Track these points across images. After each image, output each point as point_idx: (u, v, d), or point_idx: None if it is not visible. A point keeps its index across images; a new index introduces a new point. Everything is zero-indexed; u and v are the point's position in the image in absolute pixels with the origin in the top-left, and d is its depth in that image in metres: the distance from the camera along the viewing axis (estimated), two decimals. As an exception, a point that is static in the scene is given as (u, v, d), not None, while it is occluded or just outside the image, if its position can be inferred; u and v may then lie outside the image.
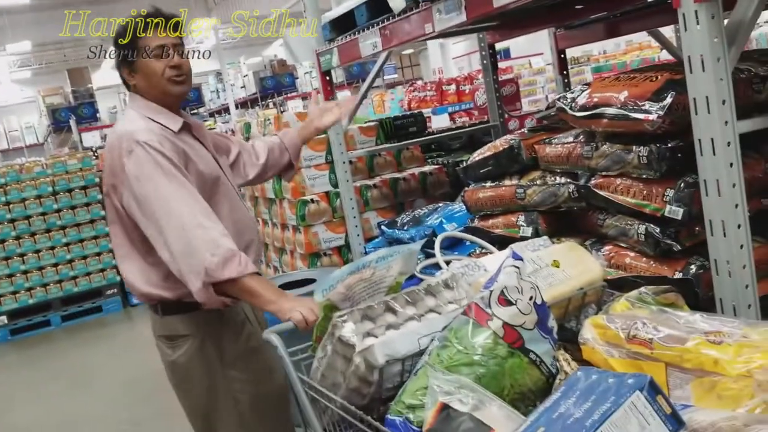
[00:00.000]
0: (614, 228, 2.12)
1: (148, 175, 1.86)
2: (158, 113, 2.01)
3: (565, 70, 4.29)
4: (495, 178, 2.55)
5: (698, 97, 1.69)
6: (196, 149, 2.03)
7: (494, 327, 1.28)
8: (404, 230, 3.30)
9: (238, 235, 1.99)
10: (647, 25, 4.05)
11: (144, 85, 2.01)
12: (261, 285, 1.85)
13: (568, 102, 2.12)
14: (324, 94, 3.64)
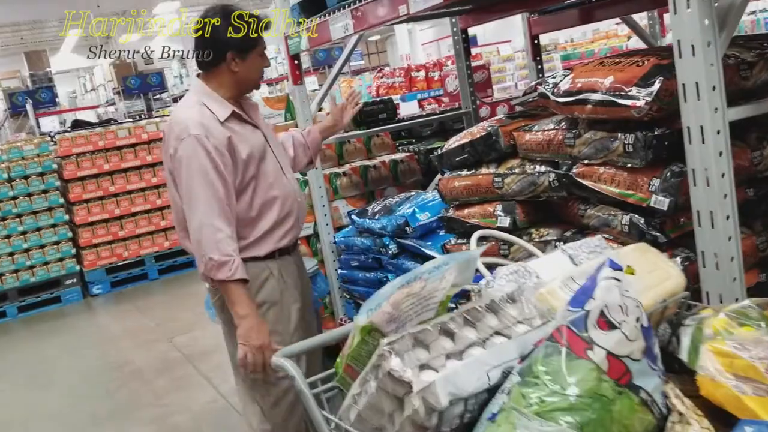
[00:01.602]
0: (596, 218, 2.05)
1: (188, 167, 2.17)
2: (214, 101, 2.28)
3: (538, 56, 4.22)
4: (471, 166, 2.46)
5: (687, 83, 1.62)
6: (241, 133, 2.28)
7: (597, 359, 0.99)
8: (375, 219, 3.20)
9: (282, 206, 2.33)
10: (621, 12, 4.00)
11: (245, 76, 2.32)
12: (239, 296, 2.18)
13: (549, 87, 2.04)
14: (293, 78, 3.50)
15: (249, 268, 2.26)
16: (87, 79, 18.82)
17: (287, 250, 2.44)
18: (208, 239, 2.15)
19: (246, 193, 2.29)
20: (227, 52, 2.27)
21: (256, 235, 2.32)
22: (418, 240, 2.98)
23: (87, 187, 6.64)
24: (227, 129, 2.25)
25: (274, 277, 2.36)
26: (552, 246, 2.20)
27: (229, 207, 2.21)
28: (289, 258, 2.45)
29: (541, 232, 2.28)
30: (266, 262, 2.33)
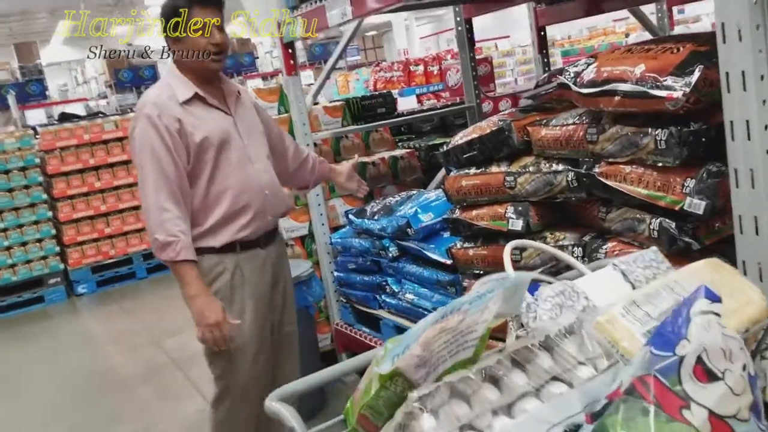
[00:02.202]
0: (620, 222, 1.87)
1: (140, 147, 2.16)
2: (179, 82, 2.23)
3: (544, 49, 4.04)
4: (480, 164, 2.28)
5: (732, 72, 1.44)
6: (200, 116, 2.21)
7: (696, 421, 0.76)
8: (375, 220, 3.02)
9: (236, 196, 2.24)
10: (629, 2, 3.84)
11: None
12: (187, 276, 2.15)
13: (571, 77, 1.85)
14: (286, 69, 3.31)
15: (203, 261, 2.22)
16: (78, 71, 18.52)
17: (253, 243, 2.32)
18: (154, 219, 2.13)
19: (201, 179, 2.22)
20: (167, 39, 2.23)
21: (210, 222, 2.24)
22: (421, 242, 2.79)
23: (71, 182, 6.41)
24: (185, 111, 2.20)
25: (228, 272, 2.26)
26: (569, 251, 2.02)
27: (179, 188, 2.17)
28: (256, 252, 2.33)
29: (557, 236, 2.10)
30: (222, 255, 2.26)
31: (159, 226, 2.12)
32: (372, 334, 3.20)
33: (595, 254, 1.92)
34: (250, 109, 2.42)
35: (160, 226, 2.12)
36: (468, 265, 2.38)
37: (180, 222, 2.15)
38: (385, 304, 3.05)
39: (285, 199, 2.48)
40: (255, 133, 2.38)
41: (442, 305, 2.45)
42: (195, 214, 2.23)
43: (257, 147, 2.36)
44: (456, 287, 2.60)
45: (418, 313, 2.78)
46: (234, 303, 2.28)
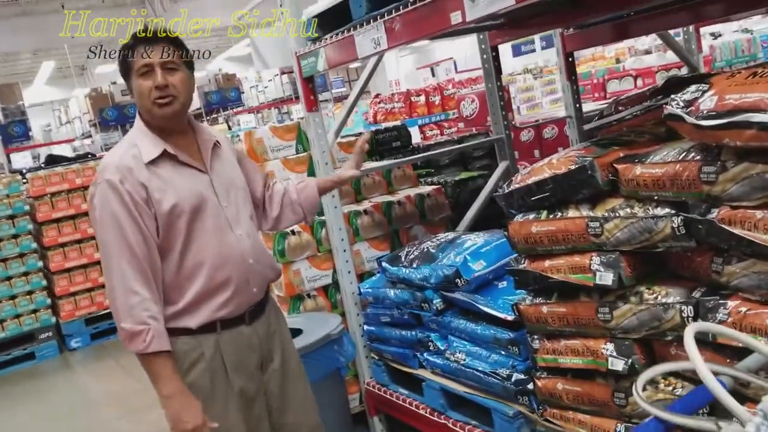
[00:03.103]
0: (745, 277, 1.56)
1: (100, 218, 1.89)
2: (146, 139, 1.95)
3: (573, 75, 3.79)
4: (553, 207, 1.97)
5: None
6: (168, 180, 1.93)
7: None
8: (414, 268, 2.69)
9: (214, 270, 1.96)
10: (658, 27, 3.62)
11: (138, 107, 1.97)
12: (160, 371, 1.87)
13: (681, 106, 1.56)
14: (307, 104, 3.01)
15: (176, 345, 1.93)
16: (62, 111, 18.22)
17: (236, 320, 2.02)
18: (120, 304, 1.86)
19: (173, 252, 1.94)
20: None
21: (186, 301, 1.95)
22: (472, 294, 2.47)
23: (63, 229, 6.04)
24: (151, 174, 1.91)
25: (205, 359, 1.97)
26: (676, 310, 1.71)
27: (149, 265, 1.89)
28: (239, 331, 2.03)
29: (656, 290, 1.79)
30: (200, 337, 1.97)
31: (126, 313, 1.85)
32: (412, 396, 2.86)
33: (713, 314, 1.61)
34: (229, 162, 2.11)
35: (128, 312, 1.85)
36: (540, 324, 2.06)
37: (150, 305, 1.87)
38: (427, 363, 2.71)
39: (273, 265, 2.16)
40: (236, 192, 2.07)
41: (501, 366, 2.10)
42: (167, 291, 1.94)
43: (238, 208, 2.05)
44: (518, 347, 2.28)
45: (471, 375, 2.45)
46: (215, 399, 1.98)
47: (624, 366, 1.82)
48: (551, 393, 2.06)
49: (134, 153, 1.91)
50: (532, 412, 2.20)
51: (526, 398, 2.22)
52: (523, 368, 2.24)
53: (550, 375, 2.07)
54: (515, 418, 2.25)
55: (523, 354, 2.26)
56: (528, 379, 2.20)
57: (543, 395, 2.10)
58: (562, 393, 2.03)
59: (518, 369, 2.26)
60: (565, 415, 2.05)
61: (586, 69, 12.35)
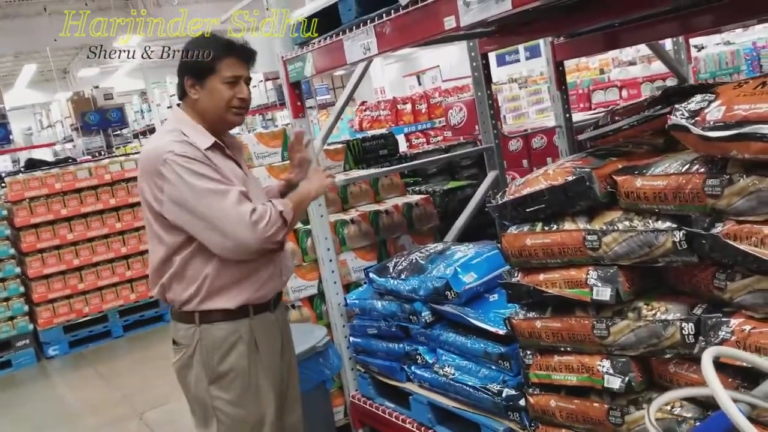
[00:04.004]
0: (749, 294, 1.51)
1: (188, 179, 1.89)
2: (194, 130, 2.00)
3: (563, 85, 3.74)
4: (549, 219, 1.92)
5: None
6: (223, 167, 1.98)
7: None
8: (402, 279, 2.63)
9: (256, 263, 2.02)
10: (648, 37, 3.59)
11: (206, 105, 2.01)
12: (298, 197, 2.09)
13: (686, 116, 1.51)
14: (293, 110, 2.94)
15: (213, 331, 1.99)
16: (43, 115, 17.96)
17: (265, 306, 2.08)
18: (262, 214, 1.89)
19: None
20: (184, 76, 2.03)
21: (226, 280, 1.99)
22: (462, 307, 2.40)
23: (41, 235, 5.89)
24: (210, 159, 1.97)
25: (244, 342, 2.02)
26: (676, 327, 1.65)
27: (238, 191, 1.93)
28: (267, 317, 2.10)
29: (655, 307, 1.73)
30: (236, 322, 2.01)
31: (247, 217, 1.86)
32: (399, 410, 2.78)
33: (715, 333, 1.56)
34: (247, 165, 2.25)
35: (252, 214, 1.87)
36: (534, 339, 2.00)
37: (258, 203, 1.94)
38: (415, 377, 2.64)
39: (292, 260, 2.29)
40: (258, 190, 2.19)
41: (492, 381, 2.05)
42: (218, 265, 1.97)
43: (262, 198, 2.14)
44: (510, 362, 2.21)
45: (460, 389, 2.38)
46: (251, 379, 2.03)
47: (621, 384, 1.76)
48: (544, 410, 2.00)
49: (185, 140, 1.95)
50: (523, 429, 2.13)
51: (517, 414, 2.16)
52: (514, 384, 2.18)
53: (543, 391, 2.01)
54: (506, 436, 2.18)
55: (514, 369, 2.19)
56: (519, 394, 2.13)
57: (535, 412, 2.04)
58: (555, 410, 1.96)
59: (509, 384, 2.19)
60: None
61: (571, 79, 12.39)
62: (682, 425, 1.61)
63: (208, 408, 2.04)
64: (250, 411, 2.03)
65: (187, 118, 2.02)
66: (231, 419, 2.02)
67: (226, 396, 2.02)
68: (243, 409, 2.03)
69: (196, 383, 2.03)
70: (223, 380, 2.01)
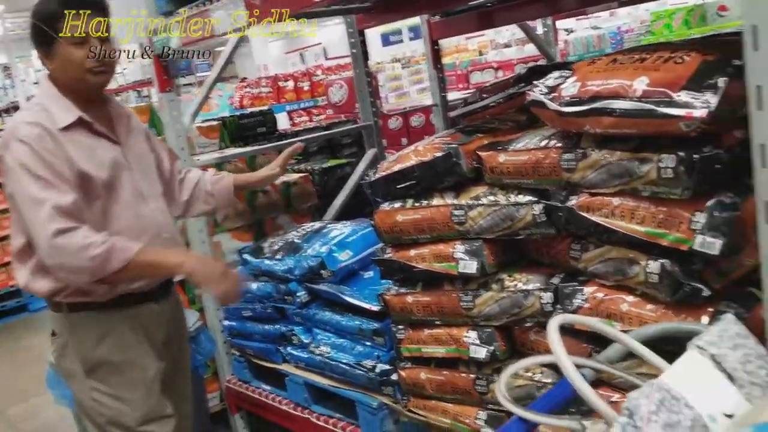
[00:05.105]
0: (601, 263, 1.58)
1: (19, 173, 1.75)
2: (57, 104, 1.85)
3: (439, 64, 3.79)
4: (418, 195, 1.92)
5: (767, 86, 1.18)
6: (85, 147, 1.84)
7: None
8: (278, 260, 2.57)
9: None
10: (521, 17, 3.72)
11: (62, 74, 1.87)
12: (155, 257, 1.83)
13: (544, 92, 1.55)
14: (160, 84, 2.79)
15: (84, 321, 1.89)
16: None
17: (147, 296, 1.99)
18: (69, 240, 1.70)
19: (88, 222, 1.83)
20: (38, 49, 1.88)
21: None
22: (337, 285, 2.38)
23: None
24: (66, 140, 1.82)
25: (118, 334, 1.93)
26: (536, 297, 1.71)
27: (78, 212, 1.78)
28: (150, 308, 2.00)
29: (517, 278, 1.79)
30: (108, 314, 1.91)
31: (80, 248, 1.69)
32: (275, 392, 2.73)
33: (571, 300, 1.63)
34: (140, 137, 2.06)
35: (83, 242, 1.70)
36: (405, 314, 2.01)
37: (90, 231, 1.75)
38: (291, 358, 2.60)
39: (182, 243, 2.14)
40: (147, 166, 2.05)
41: (366, 358, 2.07)
42: None
43: (151, 182, 2.03)
44: (384, 338, 2.22)
45: (336, 368, 2.36)
46: (124, 371, 1.93)
47: (486, 354, 1.81)
48: (415, 383, 2.03)
49: (45, 118, 1.81)
50: (395, 402, 2.15)
51: (390, 389, 2.17)
52: (387, 359, 2.19)
53: (414, 365, 2.03)
54: (379, 410, 2.19)
55: (388, 344, 2.21)
56: (392, 369, 2.15)
57: (407, 385, 2.06)
58: (426, 382, 1.99)
59: (383, 360, 2.21)
60: (428, 405, 2.01)
61: (450, 60, 12.66)
62: (542, 390, 1.68)
63: (85, 399, 1.97)
64: (130, 404, 1.95)
65: (53, 90, 1.88)
66: (110, 411, 1.95)
67: (103, 388, 1.95)
68: (122, 402, 1.95)
69: (73, 374, 1.96)
70: (97, 372, 1.93)
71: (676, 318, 1.45)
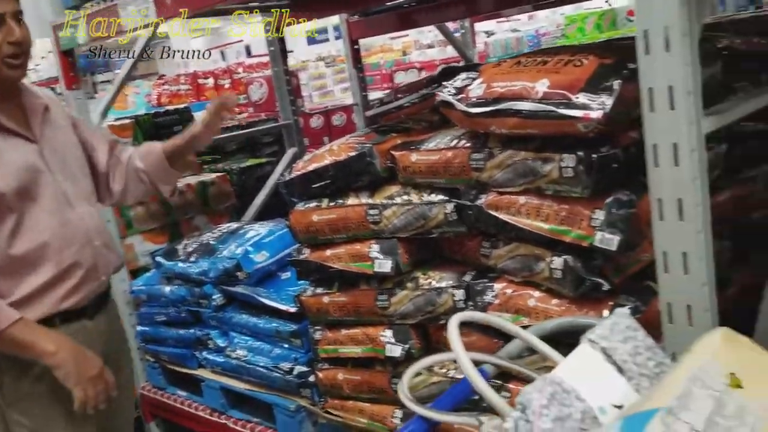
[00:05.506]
0: (510, 260, 1.62)
1: None
2: None
3: (359, 63, 3.80)
4: (333, 194, 1.92)
5: (657, 88, 1.24)
6: None
7: None
8: (192, 262, 2.51)
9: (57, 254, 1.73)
10: (440, 18, 3.80)
11: None
12: (29, 335, 1.64)
13: (452, 93, 1.57)
14: (66, 81, 2.68)
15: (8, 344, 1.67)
16: None
17: (79, 314, 1.81)
18: None
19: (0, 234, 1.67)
20: None
21: (24, 292, 1.69)
22: (254, 287, 2.35)
23: None
24: None
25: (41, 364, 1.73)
26: (449, 294, 1.74)
27: None
28: (82, 325, 1.82)
29: (431, 276, 1.81)
30: None
31: None
32: (191, 398, 2.67)
33: (482, 297, 1.66)
34: (63, 129, 1.86)
35: None
36: (321, 315, 2.00)
37: None
38: (207, 363, 2.54)
39: (117, 249, 1.97)
40: (72, 163, 1.84)
41: (284, 360, 2.04)
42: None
43: (77, 182, 1.83)
44: (301, 339, 2.20)
45: (253, 371, 2.33)
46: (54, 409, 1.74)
47: (401, 352, 1.82)
48: (332, 384, 2.02)
49: None
50: (313, 405, 2.14)
51: (308, 391, 2.16)
52: (305, 361, 2.17)
53: (332, 366, 2.03)
54: (297, 412, 2.18)
55: (305, 346, 2.19)
56: (310, 371, 2.13)
57: (324, 386, 2.05)
58: (343, 383, 1.99)
59: (300, 362, 2.18)
60: (345, 405, 2.01)
61: (375, 60, 12.73)
62: (455, 387, 1.70)
63: None
64: None
65: None
66: None
67: (26, 422, 1.76)
68: None
69: None
70: (20, 404, 1.75)
71: (579, 312, 1.51)
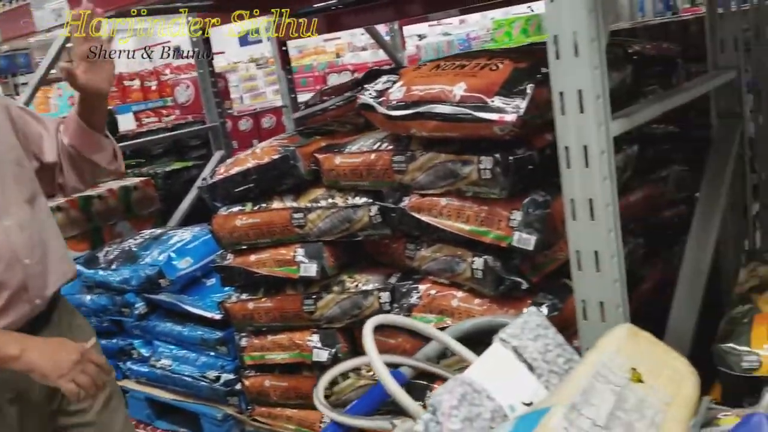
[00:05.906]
0: (433, 261, 1.64)
1: None
2: None
3: (287, 64, 3.77)
4: (258, 198, 1.89)
5: (567, 92, 1.27)
6: None
7: None
8: (113, 270, 2.43)
9: None
10: (368, 20, 3.81)
11: None
12: None
13: (373, 96, 1.57)
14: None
15: None
16: None
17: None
18: None
19: None
20: None
21: None
22: (178, 294, 2.30)
23: None
24: None
25: None
26: (375, 297, 1.74)
27: None
28: None
29: (357, 279, 1.81)
30: None
31: None
32: (117, 409, 2.58)
33: (407, 299, 1.67)
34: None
35: None
36: (247, 321, 1.97)
37: None
38: (131, 373, 2.47)
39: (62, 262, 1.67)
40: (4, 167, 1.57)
41: (210, 369, 1.97)
42: None
43: (6, 191, 1.56)
44: (227, 347, 2.16)
45: (179, 381, 2.28)
46: None
47: (328, 356, 1.82)
48: (259, 391, 1.99)
49: None
50: (240, 413, 2.10)
51: (236, 399, 2.13)
52: (232, 368, 2.14)
53: (258, 373, 2.00)
54: (224, 421, 2.14)
55: (231, 354, 2.15)
56: (237, 379, 2.10)
57: (251, 394, 2.02)
58: (270, 390, 1.97)
59: (227, 369, 2.15)
60: (272, 413, 1.99)
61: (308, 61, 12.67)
62: (381, 389, 1.71)
63: None
64: None
65: None
66: None
67: None
68: None
69: None
70: None
71: (501, 311, 1.54)
